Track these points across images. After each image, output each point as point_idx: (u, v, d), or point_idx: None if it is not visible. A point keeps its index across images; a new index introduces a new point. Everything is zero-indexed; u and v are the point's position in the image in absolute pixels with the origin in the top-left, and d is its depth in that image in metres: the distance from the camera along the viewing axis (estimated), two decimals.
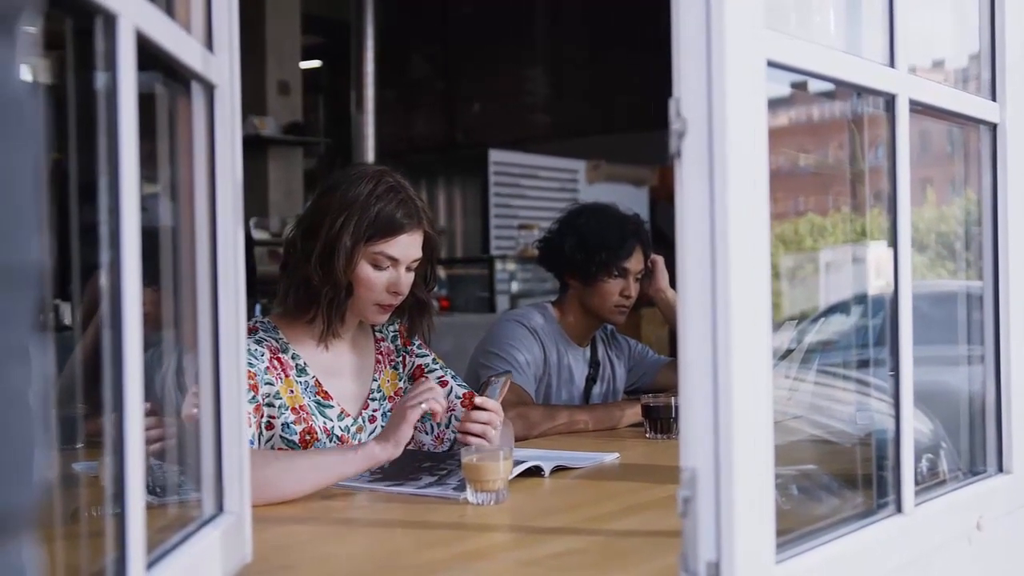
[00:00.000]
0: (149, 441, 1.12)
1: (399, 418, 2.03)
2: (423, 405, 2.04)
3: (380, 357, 2.42)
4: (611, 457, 2.39)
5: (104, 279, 1.02)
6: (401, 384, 2.43)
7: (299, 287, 2.24)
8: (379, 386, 2.40)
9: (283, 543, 1.68)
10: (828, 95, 1.75)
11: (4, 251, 0.57)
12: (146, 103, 1.09)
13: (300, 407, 2.22)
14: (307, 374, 2.27)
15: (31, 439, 0.58)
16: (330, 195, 2.24)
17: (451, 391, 2.40)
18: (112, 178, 1.02)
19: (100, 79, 1.03)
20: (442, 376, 2.43)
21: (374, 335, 2.45)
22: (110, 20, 1.01)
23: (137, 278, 1.03)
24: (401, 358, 2.46)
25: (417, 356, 2.47)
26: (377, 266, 2.23)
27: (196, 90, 1.36)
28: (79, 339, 2.07)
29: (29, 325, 0.59)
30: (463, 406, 2.37)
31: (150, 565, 1.10)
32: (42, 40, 0.67)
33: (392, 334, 2.47)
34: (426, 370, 2.45)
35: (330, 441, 2.24)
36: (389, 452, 2.00)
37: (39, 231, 0.60)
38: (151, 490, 1.25)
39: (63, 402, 1.72)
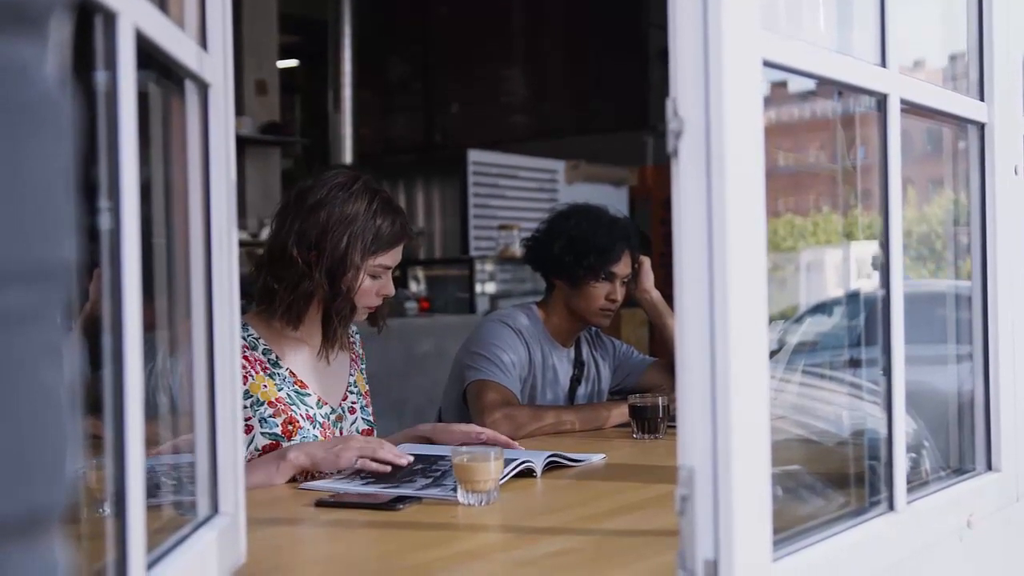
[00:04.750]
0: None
1: (331, 455, 2.10)
2: (357, 463, 2.11)
3: (354, 356, 2.52)
4: (599, 458, 2.40)
5: (104, 279, 1.01)
6: (367, 387, 2.55)
7: (301, 300, 2.30)
8: (355, 381, 2.49)
9: (277, 544, 1.68)
10: (809, 94, 1.75)
11: (39, 248, 0.57)
12: (138, 102, 1.08)
13: (277, 399, 2.28)
14: (281, 367, 2.33)
15: (64, 437, 0.58)
16: (323, 210, 2.29)
17: (355, 420, 2.48)
18: (112, 177, 1.01)
19: (99, 77, 1.02)
20: (354, 403, 2.50)
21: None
22: (110, 18, 1.00)
23: (137, 278, 1.03)
24: (364, 365, 2.57)
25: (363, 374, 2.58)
26: (373, 276, 2.34)
27: (190, 89, 1.35)
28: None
29: (61, 323, 0.59)
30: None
31: (150, 566, 1.09)
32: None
33: (356, 339, 2.57)
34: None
35: (313, 428, 2.31)
36: (301, 461, 2.11)
37: (72, 229, 0.59)
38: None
39: None
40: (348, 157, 8.82)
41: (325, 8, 8.51)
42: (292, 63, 10.32)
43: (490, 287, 7.69)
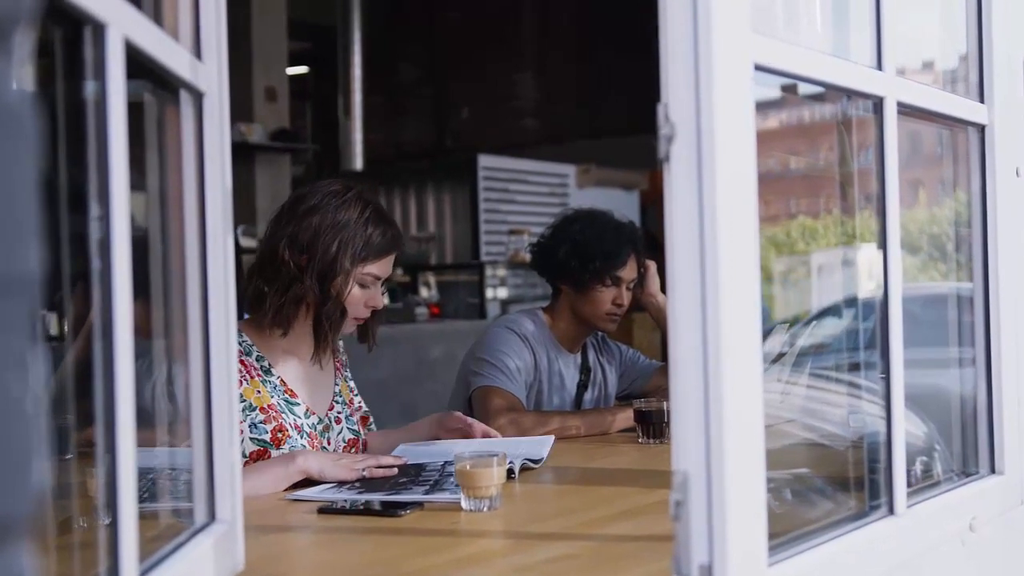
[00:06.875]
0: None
1: (339, 467, 2.15)
2: (364, 472, 2.17)
3: (339, 365, 2.54)
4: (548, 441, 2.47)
5: (95, 289, 1.01)
6: (352, 395, 2.57)
7: (291, 303, 2.32)
8: (339, 391, 2.52)
9: (275, 552, 1.68)
10: (817, 98, 1.75)
11: (3, 259, 0.57)
12: (134, 111, 1.09)
13: (269, 406, 2.31)
14: (273, 375, 2.35)
15: (29, 446, 0.59)
16: (315, 215, 2.32)
17: (341, 431, 2.49)
18: (102, 187, 1.02)
19: (89, 87, 1.02)
20: (340, 413, 2.51)
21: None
22: (99, 29, 1.01)
23: (127, 287, 1.03)
24: (348, 372, 2.59)
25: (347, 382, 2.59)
26: (362, 285, 2.36)
27: (184, 98, 1.35)
28: (69, 349, 2.07)
29: (27, 333, 0.59)
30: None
31: (144, 573, 1.09)
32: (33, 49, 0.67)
33: (340, 345, 2.59)
34: (354, 393, 2.59)
35: (301, 437, 2.33)
36: (309, 464, 2.13)
37: (37, 240, 0.60)
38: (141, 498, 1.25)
39: (53, 412, 1.71)
40: (359, 163, 8.82)
41: (334, 14, 8.52)
42: (302, 69, 10.33)
43: (501, 292, 7.69)
